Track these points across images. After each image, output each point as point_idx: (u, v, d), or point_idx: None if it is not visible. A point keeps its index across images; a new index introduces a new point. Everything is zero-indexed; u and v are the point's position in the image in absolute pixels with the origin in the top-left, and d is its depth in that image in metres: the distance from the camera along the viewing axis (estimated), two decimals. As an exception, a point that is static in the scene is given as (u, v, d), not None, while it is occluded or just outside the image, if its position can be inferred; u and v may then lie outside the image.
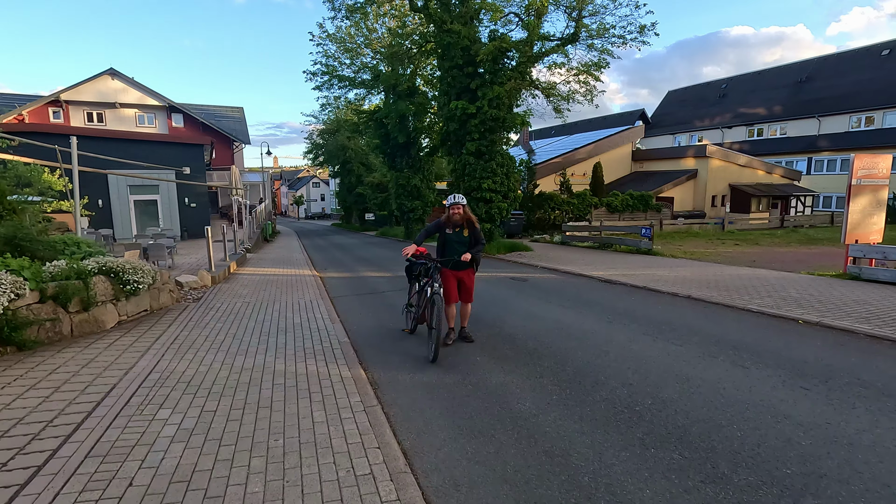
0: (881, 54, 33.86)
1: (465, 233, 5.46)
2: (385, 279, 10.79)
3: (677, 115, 44.70)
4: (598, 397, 3.98)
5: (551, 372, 4.60)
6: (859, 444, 3.13)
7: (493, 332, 6.04)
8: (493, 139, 15.09)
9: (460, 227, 5.46)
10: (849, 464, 2.92)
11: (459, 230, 5.46)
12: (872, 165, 9.11)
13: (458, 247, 5.44)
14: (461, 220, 5.43)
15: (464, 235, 5.46)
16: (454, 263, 5.40)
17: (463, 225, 5.46)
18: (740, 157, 28.91)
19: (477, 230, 5.50)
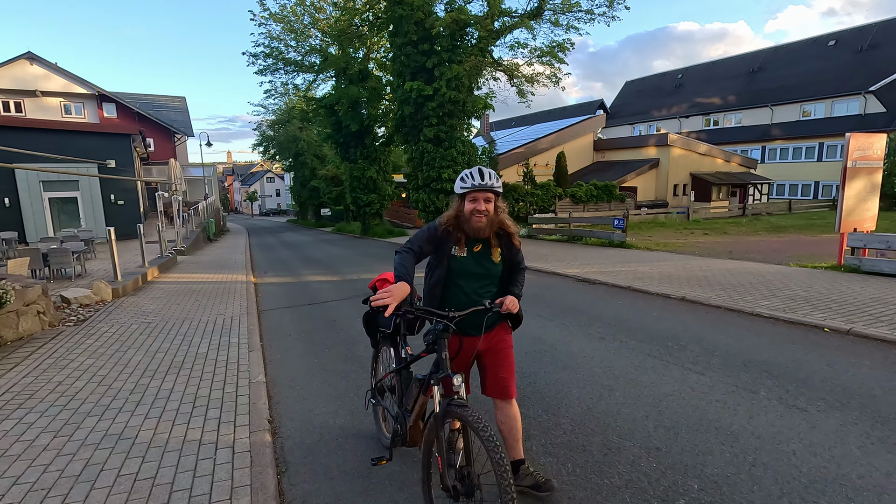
0: (827, 45, 34.64)
1: (494, 253, 2.48)
2: (331, 285, 9.25)
3: (635, 106, 44.70)
4: (617, 481, 2.69)
5: (541, 429, 3.28)
6: None
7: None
8: (453, 124, 13.74)
9: (483, 243, 2.48)
10: None
11: (483, 248, 2.47)
12: (868, 146, 8.32)
13: (481, 283, 2.49)
14: (487, 227, 2.40)
15: (492, 259, 2.47)
16: (474, 318, 2.38)
17: (490, 237, 2.47)
18: (700, 145, 28.77)
19: (516, 247, 2.54)
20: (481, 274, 2.48)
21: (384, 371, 3.04)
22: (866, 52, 31.72)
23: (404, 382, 2.66)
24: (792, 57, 36.16)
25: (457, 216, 2.44)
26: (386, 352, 3.02)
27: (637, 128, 42.94)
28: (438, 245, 2.45)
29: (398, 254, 2.40)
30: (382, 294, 2.09)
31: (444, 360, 2.21)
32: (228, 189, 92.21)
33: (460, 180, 2.41)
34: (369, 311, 2.83)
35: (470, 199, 2.37)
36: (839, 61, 32.81)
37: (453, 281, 2.48)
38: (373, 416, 3.33)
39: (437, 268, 2.48)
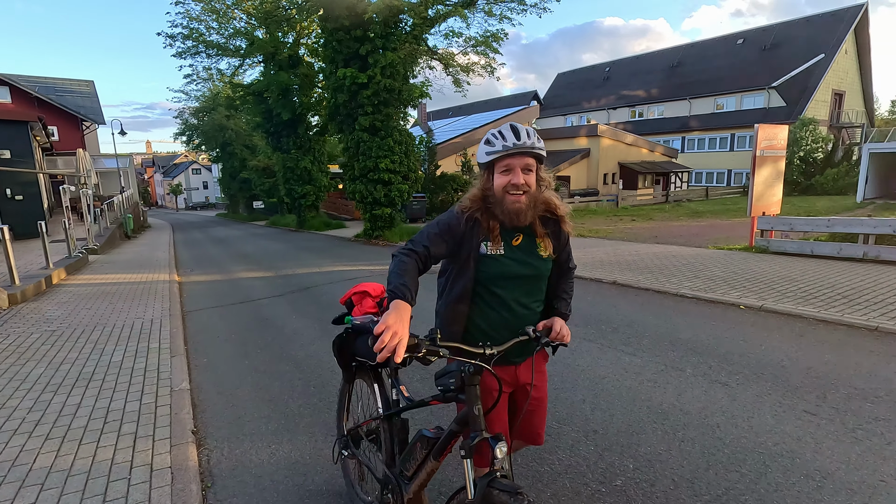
0: (736, 43, 37.45)
1: (543, 244, 1.77)
2: (264, 281, 8.80)
3: (567, 97, 46.21)
4: (557, 467, 2.72)
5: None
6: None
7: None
8: (389, 113, 13.45)
9: (525, 232, 1.76)
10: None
11: (525, 240, 1.76)
12: (773, 136, 9.05)
13: (529, 288, 1.79)
14: (528, 210, 1.69)
15: (539, 253, 1.76)
16: (520, 349, 1.72)
17: (534, 223, 1.75)
18: (627, 136, 30.22)
19: (566, 236, 1.84)
20: (528, 276, 1.74)
21: (363, 414, 2.32)
22: (769, 51, 34.60)
23: (396, 433, 1.96)
24: (706, 53, 38.77)
25: (483, 196, 1.70)
26: (364, 388, 2.26)
27: (569, 119, 44.42)
28: (460, 242, 1.69)
29: (394, 259, 1.64)
30: (384, 336, 1.34)
31: (477, 418, 1.48)
32: (149, 182, 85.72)
33: (486, 143, 1.68)
34: (342, 335, 2.11)
35: (501, 170, 1.65)
36: (746, 58, 35.58)
37: (488, 291, 1.72)
38: (342, 472, 2.52)
39: (461, 276, 1.71)
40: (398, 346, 1.35)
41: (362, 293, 2.21)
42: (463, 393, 1.51)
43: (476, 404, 1.49)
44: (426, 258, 1.68)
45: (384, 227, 14.50)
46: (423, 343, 1.45)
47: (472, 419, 1.49)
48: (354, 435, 2.30)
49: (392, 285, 1.52)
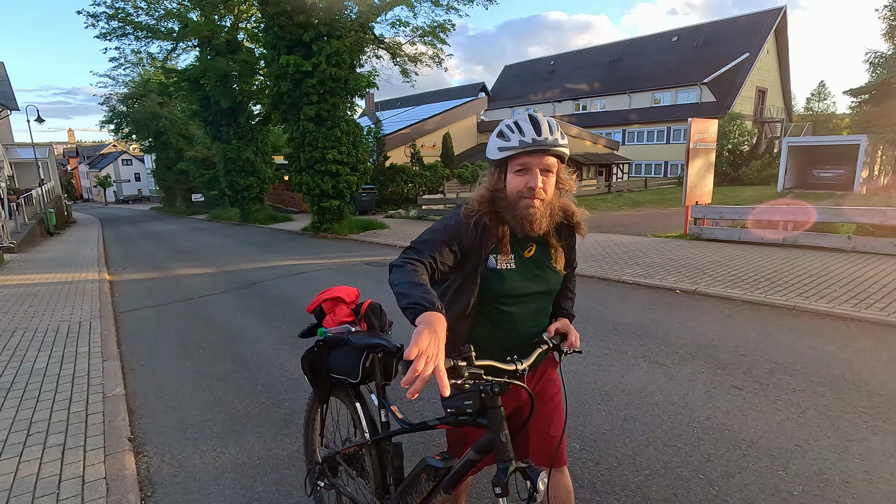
0: (671, 40, 39.32)
1: (557, 256, 1.57)
2: (206, 278, 8.40)
3: (514, 89, 46.89)
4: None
5: (435, 412, 3.29)
6: None
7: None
8: (336, 103, 13.12)
9: (538, 242, 1.54)
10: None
11: (539, 251, 1.55)
12: (705, 130, 9.61)
13: (540, 304, 1.58)
14: (544, 218, 1.45)
15: (553, 266, 1.56)
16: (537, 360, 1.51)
17: (548, 233, 1.53)
18: (572, 128, 31.11)
19: (574, 242, 1.67)
20: (541, 293, 1.54)
21: (338, 438, 2.02)
22: (700, 49, 36.56)
23: (390, 460, 1.69)
24: (644, 49, 40.47)
25: (492, 198, 1.47)
26: (341, 409, 1.98)
27: (516, 111, 45.09)
28: (467, 251, 1.45)
29: (397, 268, 1.34)
30: (416, 364, 1.04)
31: (505, 445, 1.25)
32: (73, 174, 79.35)
33: (498, 136, 1.43)
34: (314, 350, 1.84)
35: (516, 169, 1.41)
36: (681, 55, 37.46)
37: (494, 308, 1.50)
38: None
39: (463, 291, 1.48)
40: (440, 372, 1.06)
41: (334, 299, 1.92)
42: (484, 416, 1.26)
43: (503, 430, 1.26)
44: (433, 270, 1.39)
45: (333, 220, 14.20)
46: (460, 366, 1.16)
47: (500, 447, 1.25)
48: (331, 462, 2.00)
49: (412, 297, 1.19)
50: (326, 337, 1.81)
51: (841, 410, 3.00)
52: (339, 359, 1.78)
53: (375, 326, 1.81)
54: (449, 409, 1.30)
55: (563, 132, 1.41)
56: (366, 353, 1.68)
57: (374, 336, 1.70)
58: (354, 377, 1.71)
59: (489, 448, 1.30)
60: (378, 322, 1.81)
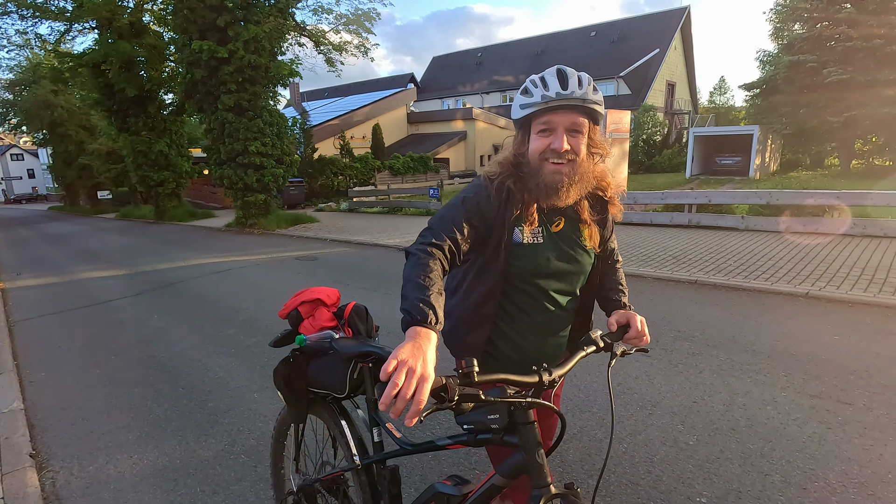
0: (590, 35, 41.26)
1: (588, 231, 1.36)
2: (117, 280, 7.79)
3: (443, 81, 47.09)
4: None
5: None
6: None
7: (283, 349, 4.40)
8: (257, 92, 12.54)
9: (566, 215, 1.34)
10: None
11: (568, 225, 1.34)
12: (619, 120, 10.25)
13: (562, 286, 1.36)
14: (572, 186, 1.26)
15: (583, 243, 1.35)
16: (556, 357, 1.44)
17: (578, 205, 1.34)
18: (500, 119, 31.88)
19: (612, 219, 1.45)
20: (571, 272, 1.35)
21: (316, 463, 1.77)
22: (616, 43, 38.66)
23: (386, 486, 1.46)
24: (566, 43, 42.12)
25: (516, 163, 1.29)
26: (320, 428, 1.75)
27: (446, 102, 45.38)
28: (491, 225, 1.27)
29: (411, 257, 1.19)
30: (396, 378, 0.89)
31: (542, 468, 1.05)
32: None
33: (522, 93, 1.25)
34: (289, 360, 1.61)
35: (540, 129, 1.23)
36: (599, 49, 39.39)
37: (518, 289, 1.33)
38: None
39: (487, 270, 1.31)
40: (418, 392, 0.89)
41: (313, 302, 1.67)
42: (513, 434, 1.05)
43: (538, 449, 1.04)
44: (454, 254, 1.20)
45: (259, 215, 13.62)
46: (454, 385, 0.93)
47: (535, 470, 1.04)
48: (308, 492, 1.73)
49: (409, 303, 1.05)
50: (306, 345, 1.56)
51: (730, 369, 3.39)
52: (320, 370, 1.56)
53: (361, 332, 1.58)
54: (467, 426, 1.05)
55: (595, 87, 1.21)
56: (353, 363, 1.46)
57: (363, 342, 1.45)
58: (341, 391, 1.50)
59: (521, 471, 1.07)
60: (364, 327, 1.59)
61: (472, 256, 1.33)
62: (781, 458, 2.39)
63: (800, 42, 22.46)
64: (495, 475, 1.12)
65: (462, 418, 1.04)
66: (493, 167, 1.32)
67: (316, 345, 1.54)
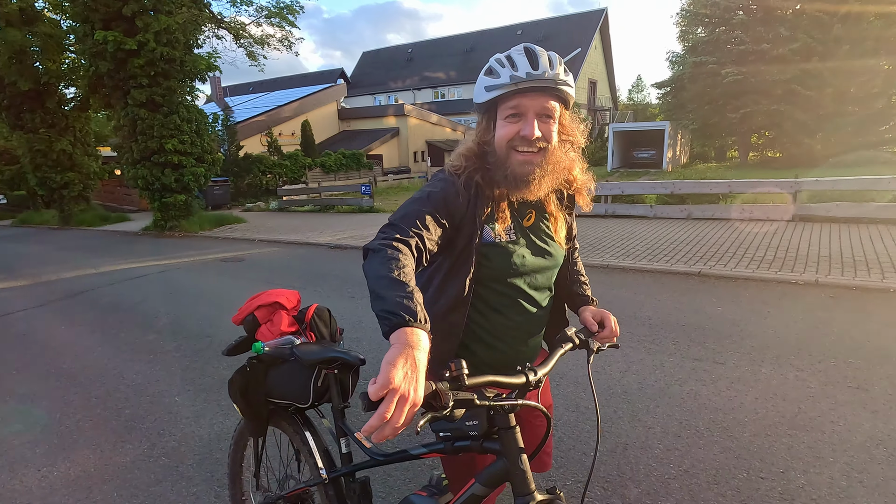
0: (517, 34, 42.50)
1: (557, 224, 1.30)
2: (15, 292, 7.15)
3: (374, 76, 46.65)
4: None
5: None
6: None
7: (205, 350, 4.32)
8: (172, 86, 11.85)
9: (536, 208, 1.27)
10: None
11: (538, 218, 1.28)
12: (540, 117, 10.75)
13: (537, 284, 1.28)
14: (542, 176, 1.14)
15: (553, 237, 1.30)
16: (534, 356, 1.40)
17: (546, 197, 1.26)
18: (432, 116, 32.11)
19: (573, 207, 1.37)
20: (546, 267, 1.28)
21: (277, 477, 1.68)
22: (542, 42, 39.98)
23: (355, 499, 1.41)
24: (494, 41, 43.07)
25: (481, 153, 1.18)
26: (283, 441, 1.63)
27: (377, 98, 45.00)
28: (459, 223, 1.16)
29: (373, 254, 1.02)
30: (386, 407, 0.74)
31: (525, 474, 0.99)
32: None
33: (487, 74, 1.14)
34: (245, 369, 1.51)
35: (508, 113, 1.12)
36: (525, 48, 40.72)
37: (492, 290, 1.23)
38: None
39: (455, 273, 1.20)
40: (410, 407, 0.77)
41: (271, 306, 1.55)
42: (493, 440, 0.99)
43: (520, 455, 0.99)
44: (421, 252, 1.06)
45: (179, 217, 12.91)
46: (446, 390, 0.85)
47: (518, 477, 0.99)
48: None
49: (387, 302, 0.88)
50: (264, 353, 1.44)
51: (629, 341, 3.78)
52: (281, 379, 1.47)
53: (325, 336, 1.50)
54: (444, 434, 1.00)
55: (566, 69, 1.12)
56: (317, 370, 1.39)
57: (328, 347, 1.39)
58: (304, 400, 1.41)
59: (503, 478, 1.02)
60: (328, 331, 1.52)
61: (439, 259, 1.20)
62: (663, 413, 2.75)
63: (702, 45, 24.51)
64: (475, 484, 1.05)
65: (437, 425, 0.95)
66: (457, 160, 1.20)
67: (275, 352, 1.44)
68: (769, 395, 2.85)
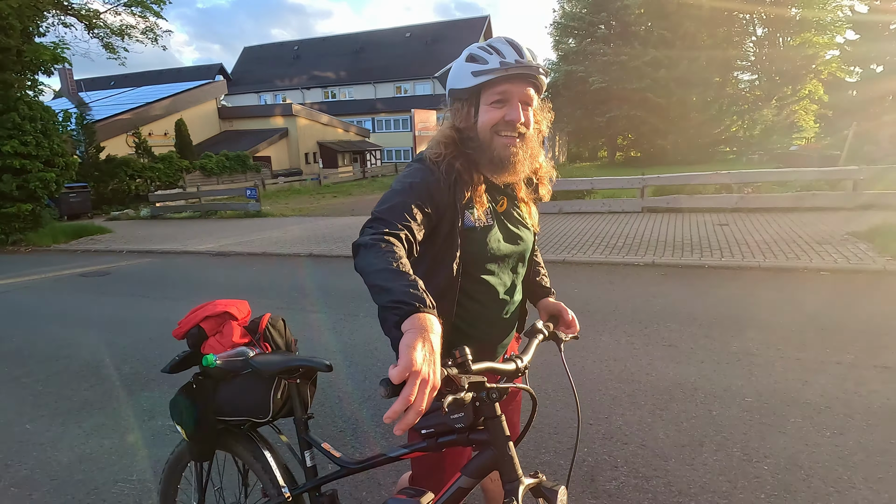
0: (406, 35, 43.06)
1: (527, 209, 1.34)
2: None
3: (258, 73, 44.26)
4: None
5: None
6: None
7: (62, 373, 3.95)
8: (7, 80, 10.31)
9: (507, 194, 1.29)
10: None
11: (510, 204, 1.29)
12: (427, 119, 11.16)
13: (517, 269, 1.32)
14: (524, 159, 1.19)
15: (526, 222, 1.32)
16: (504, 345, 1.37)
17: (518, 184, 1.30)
18: (322, 116, 31.35)
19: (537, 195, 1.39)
20: (518, 253, 1.29)
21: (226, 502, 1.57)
22: (431, 45, 41.06)
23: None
24: (384, 42, 43.23)
25: (461, 139, 1.19)
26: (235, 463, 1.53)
27: (263, 97, 42.81)
28: (443, 209, 1.16)
29: (365, 249, 0.99)
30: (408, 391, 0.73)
31: (512, 460, 0.99)
32: None
33: (470, 60, 1.15)
34: (192, 386, 1.41)
35: (493, 99, 1.14)
36: (415, 50, 41.39)
37: (471, 277, 1.22)
38: None
39: (441, 261, 1.19)
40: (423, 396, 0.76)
41: (219, 317, 1.47)
42: (479, 432, 1.00)
43: (507, 441, 0.99)
44: (411, 245, 1.05)
45: (26, 229, 11.26)
46: (459, 377, 0.86)
47: (507, 464, 0.99)
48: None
49: (395, 293, 0.87)
50: (216, 366, 1.32)
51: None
52: (235, 394, 1.38)
53: (281, 347, 1.44)
54: (425, 430, 0.99)
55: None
56: (277, 381, 1.33)
57: (289, 356, 1.35)
58: (263, 414, 1.35)
59: (491, 468, 1.02)
60: (283, 341, 1.46)
61: (423, 248, 1.15)
62: (536, 386, 3.14)
63: (573, 54, 26.94)
64: (461, 477, 1.04)
65: (421, 422, 0.88)
66: (436, 147, 1.18)
67: (228, 365, 1.33)
68: (604, 358, 3.41)
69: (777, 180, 9.57)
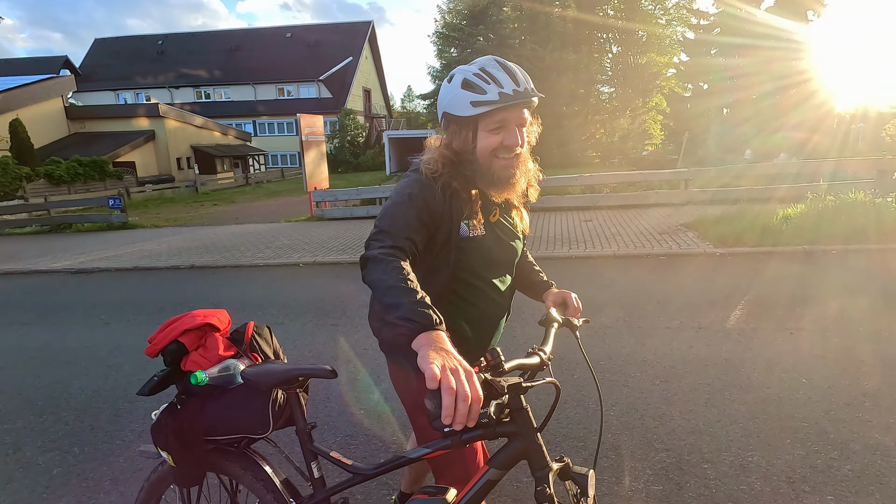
0: (286, 36, 41.36)
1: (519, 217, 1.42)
2: None
3: (114, 69, 39.42)
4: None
5: (40, 429, 3.00)
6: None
7: None
8: None
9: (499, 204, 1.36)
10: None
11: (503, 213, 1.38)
12: (313, 124, 11.02)
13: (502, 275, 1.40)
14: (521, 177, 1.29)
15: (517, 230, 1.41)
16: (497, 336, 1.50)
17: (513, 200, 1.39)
18: (196, 118, 28.98)
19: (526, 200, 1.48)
20: (509, 259, 1.39)
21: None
22: (313, 48, 39.92)
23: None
24: (263, 41, 41.03)
25: (459, 161, 1.25)
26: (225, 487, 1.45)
27: (122, 95, 38.30)
28: (438, 223, 1.22)
29: (375, 263, 1.04)
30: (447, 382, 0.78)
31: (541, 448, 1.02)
32: None
33: (466, 88, 1.18)
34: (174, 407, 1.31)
35: (492, 126, 1.20)
36: (297, 51, 39.91)
37: (466, 283, 1.30)
38: None
39: (437, 269, 1.26)
40: (472, 388, 0.79)
41: (200, 328, 1.35)
42: (504, 424, 1.00)
43: (536, 432, 1.01)
44: (414, 256, 1.13)
45: None
46: (497, 381, 0.89)
47: (536, 453, 1.01)
48: None
49: (403, 309, 0.93)
50: (207, 383, 1.24)
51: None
52: (226, 411, 1.29)
53: (269, 356, 1.38)
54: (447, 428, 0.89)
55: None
56: (274, 392, 1.27)
57: (289, 366, 1.28)
58: (262, 429, 1.28)
59: (519, 458, 1.03)
60: (271, 349, 1.41)
61: (420, 257, 1.21)
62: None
63: (454, 63, 28.07)
64: (489, 470, 1.04)
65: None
66: (433, 165, 1.24)
67: (219, 380, 1.26)
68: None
69: (629, 181, 11.10)
